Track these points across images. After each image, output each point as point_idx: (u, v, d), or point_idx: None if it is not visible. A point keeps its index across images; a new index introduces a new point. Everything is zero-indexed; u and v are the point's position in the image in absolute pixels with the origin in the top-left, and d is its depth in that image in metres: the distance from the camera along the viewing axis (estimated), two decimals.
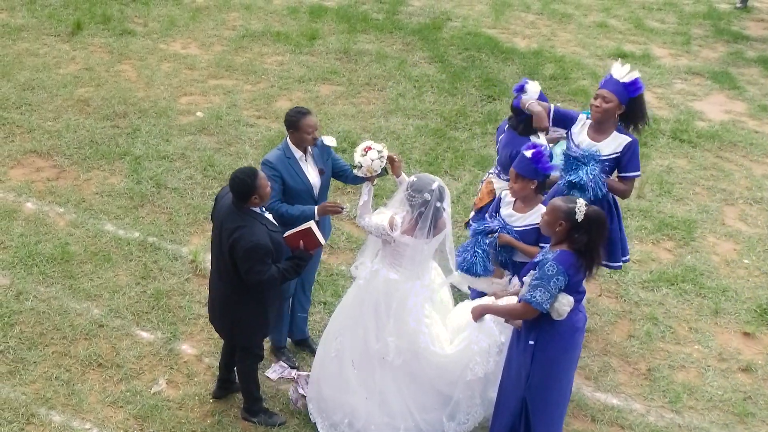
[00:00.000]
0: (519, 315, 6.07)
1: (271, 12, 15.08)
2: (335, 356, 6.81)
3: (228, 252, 6.31)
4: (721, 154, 11.24)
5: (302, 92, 12.26)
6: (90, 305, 8.14)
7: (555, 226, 5.92)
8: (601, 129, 7.25)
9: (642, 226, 9.65)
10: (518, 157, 6.81)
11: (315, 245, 6.41)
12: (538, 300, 5.84)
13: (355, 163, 6.70)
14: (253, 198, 6.27)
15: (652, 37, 14.89)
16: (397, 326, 6.59)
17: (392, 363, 6.64)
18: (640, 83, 7.21)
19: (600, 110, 7.16)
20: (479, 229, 6.95)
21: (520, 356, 6.22)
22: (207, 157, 10.48)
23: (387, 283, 6.60)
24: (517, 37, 14.54)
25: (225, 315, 6.67)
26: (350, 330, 6.75)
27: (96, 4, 14.82)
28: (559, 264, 5.83)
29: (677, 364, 7.86)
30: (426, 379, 6.73)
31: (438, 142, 11.10)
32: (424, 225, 6.40)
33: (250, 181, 6.23)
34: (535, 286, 5.87)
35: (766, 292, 8.75)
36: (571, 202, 5.91)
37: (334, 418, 6.90)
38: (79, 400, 7.15)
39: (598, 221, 5.90)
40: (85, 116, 11.33)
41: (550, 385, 6.21)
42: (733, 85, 13.18)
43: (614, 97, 7.12)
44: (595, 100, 7.20)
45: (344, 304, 6.91)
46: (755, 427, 7.24)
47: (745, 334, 8.26)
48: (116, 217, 9.38)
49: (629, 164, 7.23)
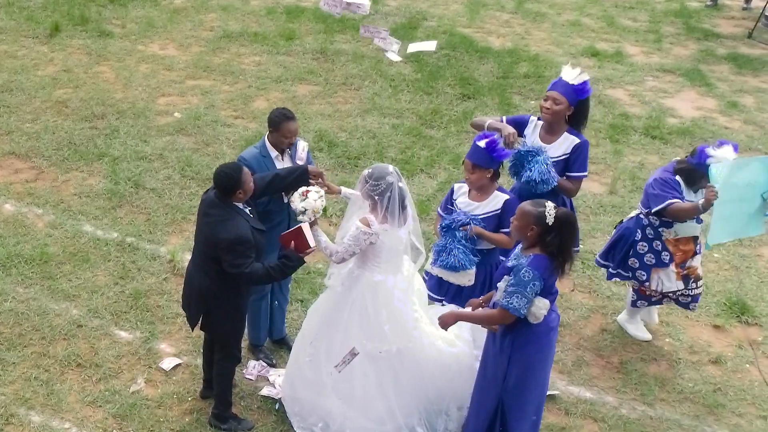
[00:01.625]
0: (496, 321, 6.07)
1: (248, 13, 15.14)
2: (309, 360, 6.80)
3: (210, 244, 6.35)
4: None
5: (279, 92, 12.32)
6: (69, 306, 8.15)
7: (526, 230, 5.92)
8: (551, 130, 7.34)
9: (614, 221, 9.61)
10: (473, 148, 6.82)
11: (305, 247, 6.39)
12: (515, 306, 5.86)
13: (299, 210, 6.57)
14: (237, 192, 6.32)
15: (624, 35, 15.05)
16: (391, 327, 6.59)
17: (382, 362, 6.63)
18: (589, 86, 7.32)
19: (550, 112, 7.24)
20: (449, 225, 6.91)
21: (496, 357, 6.24)
22: (185, 157, 10.52)
23: (373, 285, 6.59)
24: (491, 36, 14.64)
25: (199, 305, 6.67)
26: (326, 336, 6.73)
27: (74, 6, 14.84)
28: (535, 269, 5.84)
29: (649, 358, 7.92)
30: (415, 379, 6.72)
31: (414, 140, 11.17)
32: (394, 209, 6.42)
33: (236, 175, 6.28)
34: (512, 292, 5.87)
35: (736, 285, 8.85)
36: (540, 206, 5.91)
37: (309, 420, 6.90)
38: (58, 400, 7.15)
39: (568, 222, 5.93)
40: (63, 118, 11.36)
41: (527, 386, 6.22)
42: (704, 82, 13.34)
43: (564, 99, 7.21)
44: (546, 102, 7.27)
45: (318, 309, 6.87)
46: (725, 418, 7.32)
47: (715, 327, 8.34)
48: (95, 218, 9.40)
49: (576, 164, 7.32)
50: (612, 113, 12.20)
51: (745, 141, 11.59)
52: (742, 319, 8.42)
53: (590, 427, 7.17)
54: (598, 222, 9.70)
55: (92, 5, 14.89)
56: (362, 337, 6.59)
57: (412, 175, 10.33)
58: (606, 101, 12.55)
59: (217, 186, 6.36)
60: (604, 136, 11.58)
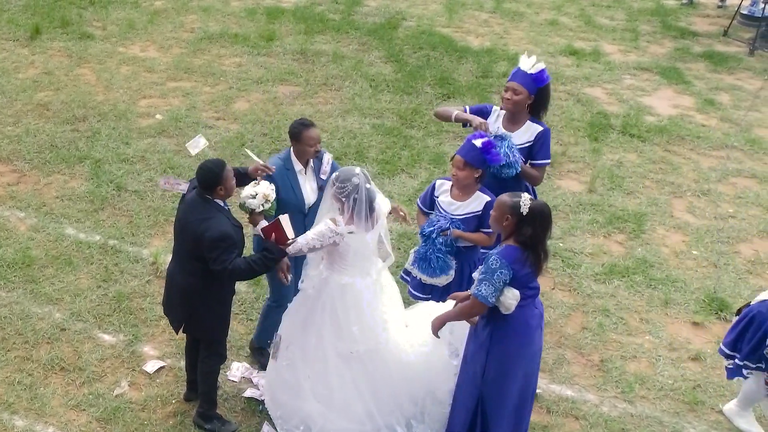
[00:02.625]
0: (469, 311, 6.13)
1: (228, 14, 15.15)
2: (287, 365, 6.82)
3: (194, 243, 6.35)
4: (669, 147, 11.45)
5: (260, 93, 12.35)
6: (52, 309, 8.15)
7: (502, 221, 5.97)
8: (514, 119, 7.39)
9: (594, 219, 9.81)
10: (467, 146, 6.86)
11: (284, 239, 6.38)
12: (483, 294, 5.90)
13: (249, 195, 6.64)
14: (218, 189, 6.35)
15: (601, 34, 15.13)
16: (360, 329, 6.62)
17: (355, 363, 6.66)
18: (547, 74, 7.38)
19: (511, 102, 7.30)
20: (431, 231, 6.96)
21: (475, 353, 6.29)
22: (167, 159, 10.55)
23: (341, 287, 6.61)
24: (470, 36, 14.70)
25: (183, 305, 6.67)
26: (301, 339, 6.75)
27: (55, 8, 14.82)
28: (503, 258, 5.89)
29: (629, 355, 7.98)
30: (388, 380, 6.75)
31: (394, 140, 11.22)
32: (360, 210, 6.44)
33: (218, 170, 6.31)
34: (481, 280, 5.93)
35: (714, 282, 8.91)
36: (516, 196, 5.95)
37: (290, 422, 6.92)
38: (41, 404, 7.15)
39: (543, 214, 5.94)
40: (44, 120, 11.36)
41: (505, 380, 6.24)
42: (681, 80, 13.43)
43: (524, 89, 7.26)
44: (506, 93, 7.32)
45: (291, 312, 6.89)
46: (705, 415, 7.37)
47: (694, 324, 8.40)
48: (77, 221, 9.41)
49: (540, 152, 7.37)
50: (590, 112, 12.27)
51: (721, 138, 11.71)
52: (720, 316, 8.47)
53: (572, 426, 7.22)
54: (577, 220, 9.78)
55: (73, 8, 14.87)
56: (334, 339, 6.63)
57: (393, 175, 10.38)
58: (584, 100, 12.62)
59: (200, 181, 6.38)
60: (583, 135, 11.64)
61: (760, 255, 9.40)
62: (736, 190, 10.58)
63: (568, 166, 10.92)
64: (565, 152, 11.18)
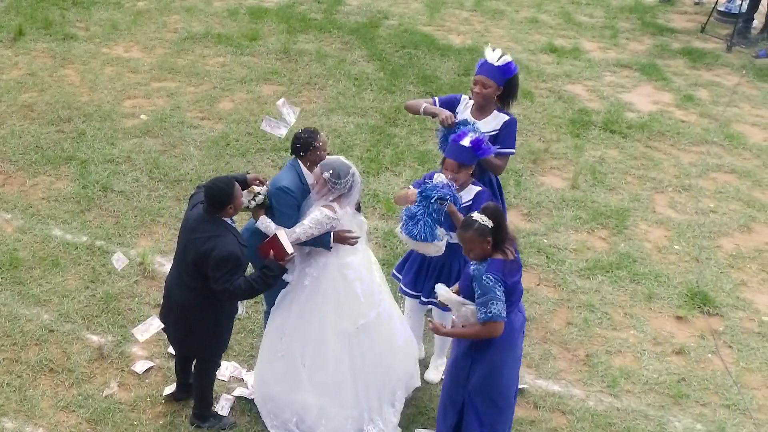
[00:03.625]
0: (487, 334, 6.06)
1: (211, 14, 15.13)
2: (282, 356, 6.85)
3: (196, 261, 6.30)
4: (650, 143, 11.56)
5: (244, 93, 12.37)
6: (40, 311, 8.17)
7: (484, 246, 6.01)
8: (482, 109, 7.46)
9: (577, 216, 9.90)
10: (456, 148, 6.85)
11: (283, 254, 6.32)
12: (496, 312, 5.90)
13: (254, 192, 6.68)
14: (228, 208, 6.30)
15: (581, 32, 15.20)
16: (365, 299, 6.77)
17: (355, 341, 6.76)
18: (514, 65, 7.46)
19: (480, 95, 7.37)
20: (429, 194, 6.73)
21: (459, 360, 6.33)
22: (152, 159, 10.56)
23: (339, 268, 6.72)
24: (452, 34, 14.75)
25: (180, 323, 6.64)
26: (300, 329, 6.78)
27: (38, 9, 14.75)
28: (494, 272, 5.94)
29: (614, 350, 8.07)
30: (381, 355, 6.88)
31: (378, 139, 11.28)
32: (354, 196, 6.69)
33: (229, 189, 6.25)
34: (485, 302, 5.92)
35: (696, 276, 9.02)
36: (471, 224, 6.00)
37: (282, 416, 6.96)
38: (31, 405, 7.17)
39: (497, 210, 6.06)
40: (29, 122, 11.35)
41: (490, 385, 6.27)
42: (660, 77, 13.53)
43: (492, 82, 7.33)
44: (475, 86, 7.37)
45: (283, 306, 6.90)
46: (690, 408, 7.47)
47: (677, 318, 8.51)
48: (64, 222, 9.42)
49: (506, 141, 7.37)
50: (572, 108, 12.36)
51: (700, 134, 11.83)
52: (703, 310, 8.58)
53: (559, 420, 7.31)
54: (561, 217, 9.88)
55: (56, 9, 14.81)
56: (337, 319, 6.69)
57: (378, 174, 10.45)
58: (565, 97, 12.71)
59: (210, 200, 6.30)
60: (565, 132, 11.74)
61: (741, 249, 9.54)
62: (716, 185, 10.70)
63: (550, 162, 11.02)
64: (547, 149, 11.27)
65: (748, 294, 8.90)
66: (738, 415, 7.48)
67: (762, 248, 9.59)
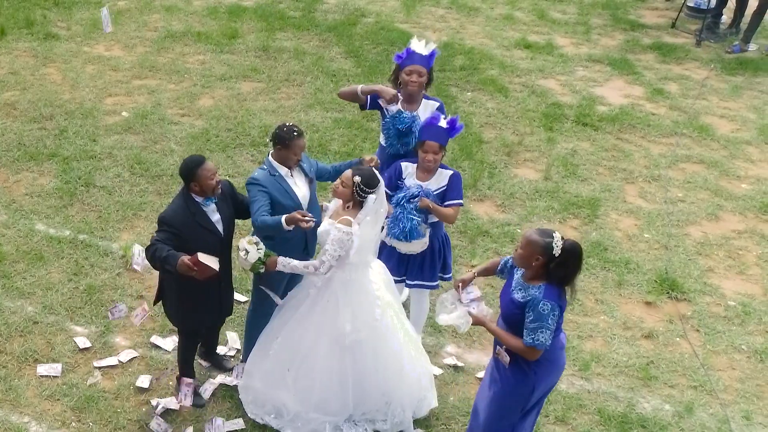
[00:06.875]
0: (524, 355, 5.96)
1: (191, 13, 15.21)
2: (272, 354, 6.89)
3: None
4: (621, 135, 11.74)
5: (224, 90, 12.47)
6: (24, 303, 8.26)
7: (532, 260, 5.80)
8: (412, 99, 7.72)
9: (549, 206, 10.07)
10: (436, 130, 7.07)
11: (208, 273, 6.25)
12: (542, 341, 5.78)
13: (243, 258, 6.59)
14: (192, 184, 6.49)
15: (554, 28, 15.33)
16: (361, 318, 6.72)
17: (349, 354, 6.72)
18: (436, 51, 7.78)
19: (416, 84, 7.60)
20: (403, 196, 7.05)
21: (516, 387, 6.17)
22: (134, 155, 10.66)
23: (344, 284, 6.68)
24: (428, 31, 14.84)
25: (159, 286, 7.00)
26: (295, 335, 6.79)
27: (19, 9, 14.80)
28: (550, 300, 5.76)
29: (585, 334, 8.21)
30: (374, 369, 6.84)
31: (355, 133, 11.40)
32: (369, 212, 6.60)
33: (192, 166, 6.45)
34: (535, 329, 5.77)
35: (665, 263, 9.19)
36: (547, 236, 5.77)
37: (262, 409, 7.06)
38: (16, 395, 7.26)
39: (574, 253, 5.78)
40: (12, 119, 11.44)
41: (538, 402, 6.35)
42: (631, 71, 13.69)
43: (425, 71, 7.63)
44: (411, 76, 7.56)
45: (289, 308, 6.96)
46: (658, 390, 7.62)
47: (646, 304, 8.68)
48: (47, 217, 9.51)
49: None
50: (545, 102, 12.51)
51: (670, 126, 12.02)
52: (672, 295, 8.76)
53: None
54: (534, 207, 10.05)
55: (37, 9, 14.86)
56: (335, 332, 6.69)
57: None
58: (539, 91, 12.86)
59: (179, 172, 6.60)
60: (538, 125, 11.89)
61: (709, 237, 9.72)
62: (685, 176, 10.88)
63: (524, 155, 11.18)
64: (521, 141, 11.44)
65: (715, 280, 9.08)
66: (705, 395, 7.65)
67: (729, 236, 9.78)
